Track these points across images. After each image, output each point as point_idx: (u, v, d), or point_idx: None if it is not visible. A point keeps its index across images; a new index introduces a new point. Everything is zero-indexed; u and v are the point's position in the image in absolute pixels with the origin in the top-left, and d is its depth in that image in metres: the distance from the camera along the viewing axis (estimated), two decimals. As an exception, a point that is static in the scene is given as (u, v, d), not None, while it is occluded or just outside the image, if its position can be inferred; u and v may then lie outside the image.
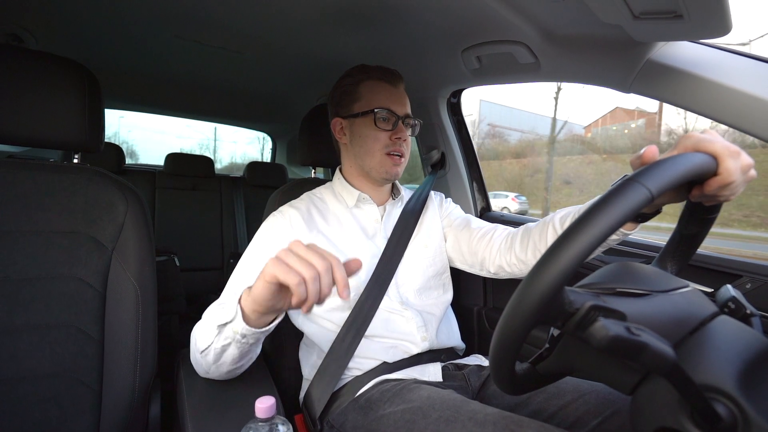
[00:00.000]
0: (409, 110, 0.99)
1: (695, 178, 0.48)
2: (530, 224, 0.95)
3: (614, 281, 0.49)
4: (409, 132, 0.99)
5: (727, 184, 0.50)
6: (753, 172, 0.53)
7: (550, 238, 0.87)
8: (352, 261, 0.61)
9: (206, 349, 0.73)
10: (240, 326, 0.67)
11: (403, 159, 0.97)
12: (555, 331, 0.52)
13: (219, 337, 0.70)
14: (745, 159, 0.52)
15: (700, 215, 0.55)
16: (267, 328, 0.69)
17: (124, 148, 2.37)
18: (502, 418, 0.65)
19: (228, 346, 0.71)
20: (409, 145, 1.00)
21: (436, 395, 0.75)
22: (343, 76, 1.01)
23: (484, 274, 1.03)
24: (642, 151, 0.53)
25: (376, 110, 0.93)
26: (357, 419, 0.80)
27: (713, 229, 0.57)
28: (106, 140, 0.98)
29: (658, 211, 0.65)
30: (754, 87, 0.70)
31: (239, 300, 0.67)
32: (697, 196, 0.53)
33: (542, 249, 0.88)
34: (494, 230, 1.00)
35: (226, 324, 0.69)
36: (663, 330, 0.44)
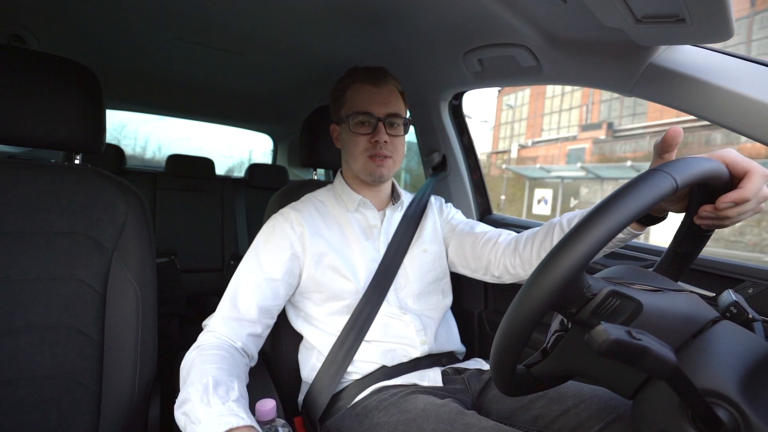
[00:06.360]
0: (393, 109, 0.93)
1: (714, 181, 0.48)
2: (534, 228, 0.95)
3: (628, 278, 0.49)
4: (395, 131, 0.94)
5: (743, 200, 0.49)
6: (765, 206, 0.53)
7: (557, 239, 0.86)
8: None
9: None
10: None
11: (387, 160, 0.93)
12: (557, 326, 0.52)
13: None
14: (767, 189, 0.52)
15: (696, 232, 0.56)
16: None
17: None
18: None
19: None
20: (397, 145, 0.95)
21: (431, 407, 0.75)
22: (337, 81, 1.00)
23: (488, 278, 1.02)
24: (665, 133, 0.56)
25: (350, 115, 0.93)
26: (352, 426, 0.80)
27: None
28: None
29: (664, 217, 0.65)
30: (756, 91, 0.70)
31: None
32: (708, 211, 0.52)
33: (548, 249, 0.87)
34: (499, 234, 1.00)
35: None
36: (675, 325, 0.44)
